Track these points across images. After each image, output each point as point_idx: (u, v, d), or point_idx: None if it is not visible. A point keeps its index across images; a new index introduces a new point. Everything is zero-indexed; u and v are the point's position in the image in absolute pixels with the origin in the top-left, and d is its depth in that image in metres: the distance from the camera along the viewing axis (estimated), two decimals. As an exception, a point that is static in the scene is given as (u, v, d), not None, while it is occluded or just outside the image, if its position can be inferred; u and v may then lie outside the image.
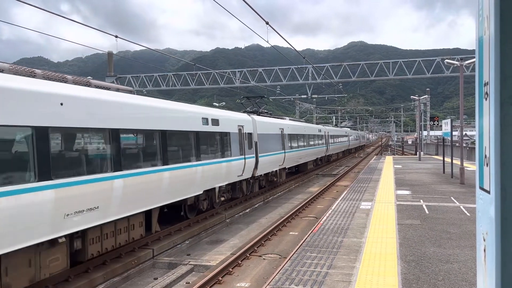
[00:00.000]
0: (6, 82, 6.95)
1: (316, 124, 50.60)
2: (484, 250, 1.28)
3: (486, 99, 1.24)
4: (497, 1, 1.13)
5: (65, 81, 8.90)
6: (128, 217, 10.01)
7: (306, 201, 19.22)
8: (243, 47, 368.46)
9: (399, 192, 16.55)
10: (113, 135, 9.25)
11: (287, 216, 15.67)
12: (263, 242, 12.39)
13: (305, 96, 47.19)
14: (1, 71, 7.42)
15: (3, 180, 6.68)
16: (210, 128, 14.38)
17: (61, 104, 7.89)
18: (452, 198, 14.76)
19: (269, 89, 43.49)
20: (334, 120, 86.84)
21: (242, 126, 17.47)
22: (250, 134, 18.23)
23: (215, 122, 14.93)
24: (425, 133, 52.90)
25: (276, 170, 22.19)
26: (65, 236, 7.99)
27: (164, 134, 11.29)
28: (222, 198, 15.85)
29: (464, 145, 23.53)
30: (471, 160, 31.31)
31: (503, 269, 1.14)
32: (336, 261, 7.83)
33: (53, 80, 8.45)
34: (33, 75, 8.15)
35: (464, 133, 20.95)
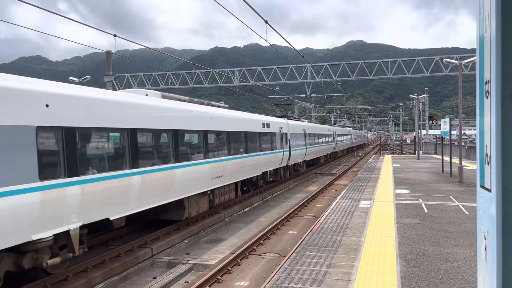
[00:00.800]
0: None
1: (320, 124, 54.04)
2: (485, 249, 1.28)
3: (487, 97, 1.24)
4: (498, -2, 1.13)
5: (202, 103, 15.78)
6: (229, 184, 16.22)
7: (305, 200, 19.23)
8: (242, 46, 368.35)
9: (398, 191, 16.57)
10: (230, 135, 16.08)
11: (286, 215, 15.67)
12: (262, 241, 12.39)
13: (304, 95, 47.19)
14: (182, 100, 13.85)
15: (188, 157, 12.84)
16: (265, 129, 20.28)
17: (210, 117, 14.61)
18: (451, 197, 14.78)
19: (268, 88, 43.45)
20: (333, 119, 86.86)
21: (281, 128, 22.93)
22: (285, 134, 23.60)
23: (268, 125, 20.73)
24: (423, 132, 52.95)
25: (300, 162, 27.95)
26: (209, 190, 14.26)
27: (246, 134, 17.64)
28: (271, 179, 21.87)
29: (462, 144, 23.56)
30: (470, 159, 31.33)
31: (504, 268, 1.14)
32: (336, 260, 7.83)
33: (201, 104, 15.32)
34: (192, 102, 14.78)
35: (462, 132, 20.96)
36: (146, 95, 12.37)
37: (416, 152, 39.77)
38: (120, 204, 9.45)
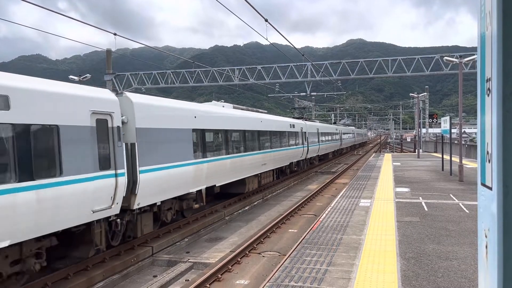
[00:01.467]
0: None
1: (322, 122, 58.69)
2: (486, 247, 1.28)
3: (488, 95, 1.24)
4: (499, -4, 1.13)
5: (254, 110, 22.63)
6: (270, 170, 21.70)
7: (305, 198, 19.23)
8: (242, 45, 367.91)
9: (398, 189, 16.57)
10: (272, 133, 21.53)
11: (286, 214, 15.68)
12: (262, 240, 12.40)
13: (304, 93, 47.12)
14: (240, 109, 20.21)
15: (250, 149, 18.10)
16: (292, 129, 25.72)
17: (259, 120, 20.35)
18: (451, 195, 14.78)
19: (268, 86, 43.44)
20: (333, 118, 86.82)
21: (302, 127, 28.27)
22: (304, 133, 28.85)
23: (293, 126, 26.20)
24: (424, 130, 52.93)
25: (314, 156, 33.64)
26: (259, 173, 19.85)
27: (281, 132, 23.27)
28: (295, 169, 27.99)
29: (462, 142, 23.55)
30: (470, 157, 31.33)
31: (505, 266, 1.14)
32: (336, 258, 7.84)
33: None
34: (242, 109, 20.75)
35: (462, 130, 20.95)
36: (223, 106, 18.39)
37: (416, 150, 39.76)
38: (220, 176, 15.18)
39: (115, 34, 18.72)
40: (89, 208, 8.52)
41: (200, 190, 13.64)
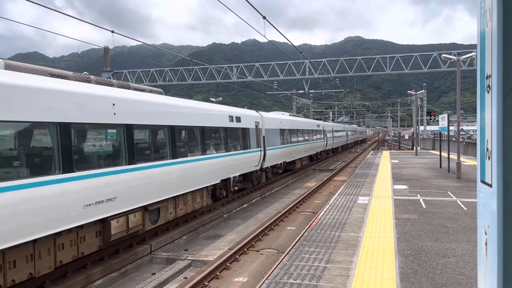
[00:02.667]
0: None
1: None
2: (486, 244, 1.27)
3: (488, 92, 1.23)
4: (499, -7, 1.12)
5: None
6: (307, 156, 30.86)
7: (303, 196, 19.24)
8: (239, 42, 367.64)
9: (396, 186, 16.60)
10: (305, 131, 30.21)
11: (285, 211, 15.69)
12: (260, 237, 12.41)
13: (302, 91, 47.13)
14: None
15: (302, 140, 28.97)
16: (318, 128, 34.89)
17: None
18: (449, 192, 14.81)
19: (266, 84, 43.42)
20: (331, 115, 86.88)
21: (323, 126, 37.90)
22: (324, 130, 37.98)
23: (318, 125, 35.53)
24: (421, 128, 53.00)
25: (330, 148, 42.62)
26: (301, 157, 29.11)
27: (311, 131, 31.55)
28: (319, 156, 36.93)
29: (460, 140, 23.59)
30: (468, 154, 31.40)
31: (505, 263, 1.14)
32: (334, 256, 7.85)
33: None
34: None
35: (460, 128, 20.99)
36: (282, 114, 27.90)
37: (414, 148, 39.83)
38: (292, 155, 25.54)
39: (112, 32, 18.67)
40: (254, 164, 18.77)
41: (285, 161, 24.97)
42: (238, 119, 17.39)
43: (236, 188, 17.20)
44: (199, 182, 13.51)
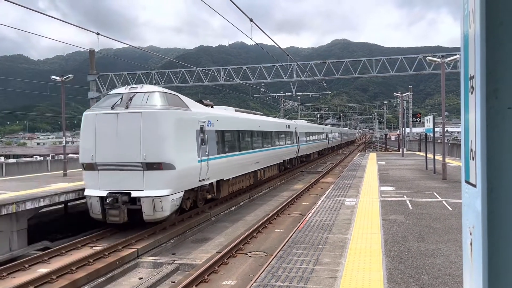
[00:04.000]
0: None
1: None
2: (471, 244, 1.28)
3: (471, 93, 1.24)
4: (482, -6, 1.13)
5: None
6: (332, 147, 59.75)
7: (291, 198, 19.28)
8: (227, 45, 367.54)
9: (383, 188, 16.72)
10: (307, 134, 39.32)
11: (273, 214, 15.69)
12: (248, 240, 12.39)
13: (289, 93, 47.26)
14: None
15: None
16: (323, 131, 49.17)
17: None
18: (434, 193, 14.97)
19: (253, 86, 43.42)
20: (318, 118, 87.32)
21: (326, 130, 52.22)
22: (327, 133, 51.72)
23: (323, 129, 50.75)
24: (407, 129, 53.56)
25: (330, 147, 56.94)
26: (322, 149, 49.69)
27: (315, 132, 44.80)
28: (327, 152, 55.45)
29: (445, 141, 23.88)
30: (453, 156, 31.81)
31: (490, 263, 1.14)
32: (322, 258, 7.86)
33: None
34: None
35: (445, 129, 21.25)
36: (303, 121, 42.76)
37: (401, 149, 40.20)
38: (310, 149, 40.38)
39: (98, 34, 18.49)
40: (294, 153, 31.87)
41: (307, 153, 37.98)
42: (288, 126, 30.97)
43: (288, 166, 31.21)
44: (274, 161, 26.07)
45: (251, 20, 15.30)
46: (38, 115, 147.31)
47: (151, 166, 12.49)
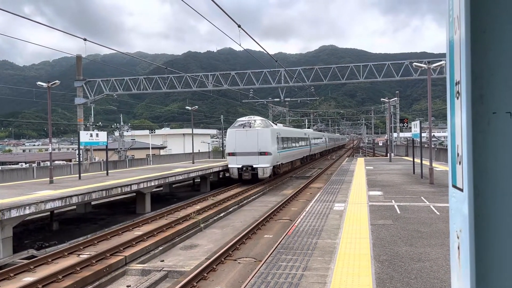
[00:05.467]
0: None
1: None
2: (458, 248, 1.29)
3: (457, 98, 1.25)
4: (467, 1, 1.15)
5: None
6: (328, 149, 72.50)
7: (280, 203, 19.28)
8: (215, 51, 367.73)
9: (371, 193, 16.82)
10: (315, 138, 54.65)
11: (262, 219, 15.67)
12: (238, 246, 12.34)
13: (278, 99, 47.38)
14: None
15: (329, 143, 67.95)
16: (323, 137, 63.05)
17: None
18: (422, 197, 15.10)
19: (242, 92, 43.47)
20: (306, 123, 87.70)
21: (326, 136, 67.32)
22: (325, 138, 64.04)
23: (321, 135, 61.59)
24: (395, 134, 54.08)
25: (328, 149, 71.93)
26: (323, 151, 63.39)
27: (328, 138, 71.79)
28: (325, 153, 69.00)
29: (432, 146, 24.15)
30: (440, 160, 32.16)
31: (477, 266, 1.15)
32: (311, 263, 7.86)
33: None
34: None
35: (432, 134, 21.50)
36: (318, 130, 71.96)
37: (388, 154, 40.54)
38: (319, 149, 57.39)
39: (85, 40, 18.37)
40: (308, 152, 45.13)
41: (315, 153, 52.41)
42: (305, 134, 44.07)
43: (303, 161, 43.58)
44: (301, 155, 40.21)
45: (239, 26, 15.35)
46: (24, 122, 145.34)
47: (262, 153, 27.03)
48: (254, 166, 26.83)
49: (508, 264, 1.15)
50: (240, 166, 27.03)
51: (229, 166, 27.65)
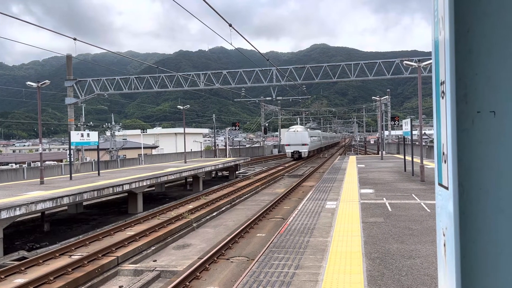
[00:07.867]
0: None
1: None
2: (444, 245, 1.31)
3: (442, 97, 1.27)
4: (451, 2, 1.17)
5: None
6: (326, 146, 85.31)
7: (273, 202, 19.31)
8: (207, 50, 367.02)
9: (363, 190, 16.91)
10: (328, 137, 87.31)
11: (254, 218, 15.69)
12: (230, 245, 12.35)
13: (270, 98, 47.44)
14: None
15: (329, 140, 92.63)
16: (322, 135, 74.89)
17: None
18: (413, 195, 15.22)
19: (234, 91, 43.45)
20: (298, 122, 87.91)
21: (322, 135, 74.64)
22: (321, 137, 72.36)
23: (319, 134, 70.93)
24: (386, 132, 54.40)
25: (326, 145, 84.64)
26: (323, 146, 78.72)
27: (328, 136, 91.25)
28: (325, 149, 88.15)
29: (423, 143, 24.34)
30: (430, 158, 32.41)
31: (462, 262, 1.17)
32: (303, 261, 7.89)
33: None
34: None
35: (423, 132, 21.68)
36: (322, 131, 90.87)
37: (380, 152, 40.78)
38: (326, 144, 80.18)
39: (75, 39, 18.23)
40: (320, 146, 68.92)
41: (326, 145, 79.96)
42: (319, 134, 67.79)
43: (319, 151, 68.63)
44: (319, 147, 66.88)
45: (230, 25, 15.33)
46: (14, 122, 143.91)
47: (303, 144, 51.95)
48: (300, 151, 51.64)
49: (492, 260, 1.17)
50: (292, 151, 51.60)
51: (286, 151, 53.10)
